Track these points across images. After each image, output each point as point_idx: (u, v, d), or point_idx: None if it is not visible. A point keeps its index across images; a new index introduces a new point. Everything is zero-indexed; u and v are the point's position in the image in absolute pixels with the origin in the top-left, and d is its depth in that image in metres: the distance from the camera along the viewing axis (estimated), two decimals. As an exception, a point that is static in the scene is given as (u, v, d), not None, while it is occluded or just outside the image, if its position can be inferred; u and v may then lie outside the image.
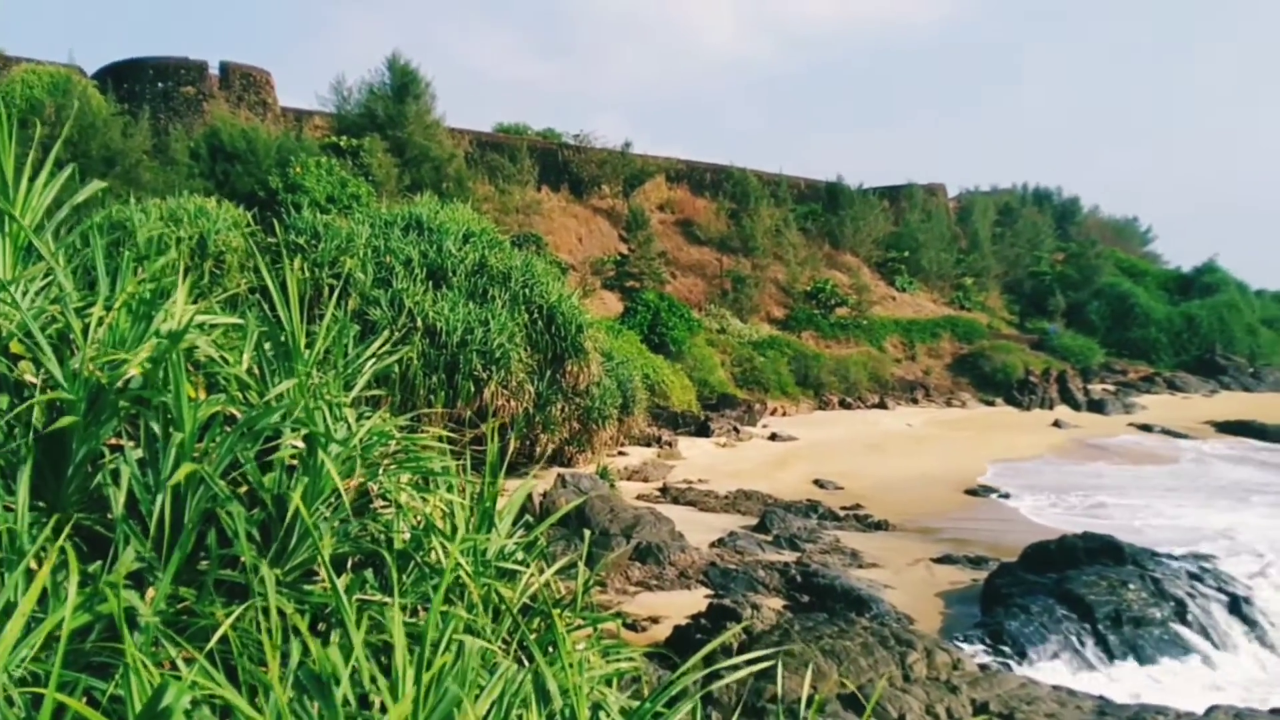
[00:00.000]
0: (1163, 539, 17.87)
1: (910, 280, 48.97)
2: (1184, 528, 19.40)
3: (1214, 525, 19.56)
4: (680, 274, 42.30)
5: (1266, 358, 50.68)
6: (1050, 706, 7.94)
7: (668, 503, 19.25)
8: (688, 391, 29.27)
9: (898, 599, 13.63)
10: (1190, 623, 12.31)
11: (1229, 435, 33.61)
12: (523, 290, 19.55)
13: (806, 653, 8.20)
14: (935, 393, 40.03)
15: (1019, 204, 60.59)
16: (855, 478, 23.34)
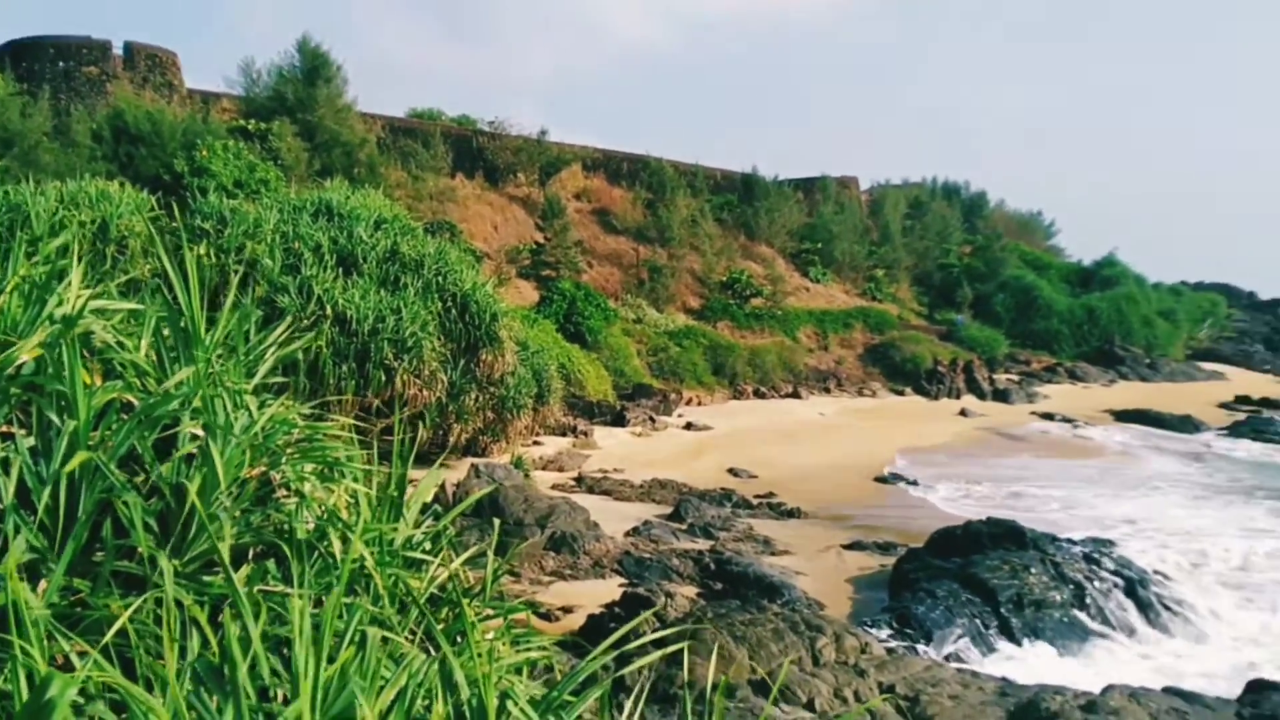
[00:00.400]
0: (1064, 524, 18.43)
1: (824, 271, 49.62)
2: (1086, 515, 20.03)
3: (1119, 512, 20.23)
4: (596, 263, 42.26)
5: (1162, 349, 52.47)
6: (954, 688, 8.13)
7: (583, 492, 19.26)
8: (604, 381, 29.28)
9: (809, 585, 13.83)
10: (1088, 605, 12.70)
11: (1127, 423, 34.73)
12: (436, 278, 19.34)
13: (718, 639, 8.28)
14: (847, 382, 40.64)
15: (929, 197, 61.74)
16: (769, 466, 23.60)
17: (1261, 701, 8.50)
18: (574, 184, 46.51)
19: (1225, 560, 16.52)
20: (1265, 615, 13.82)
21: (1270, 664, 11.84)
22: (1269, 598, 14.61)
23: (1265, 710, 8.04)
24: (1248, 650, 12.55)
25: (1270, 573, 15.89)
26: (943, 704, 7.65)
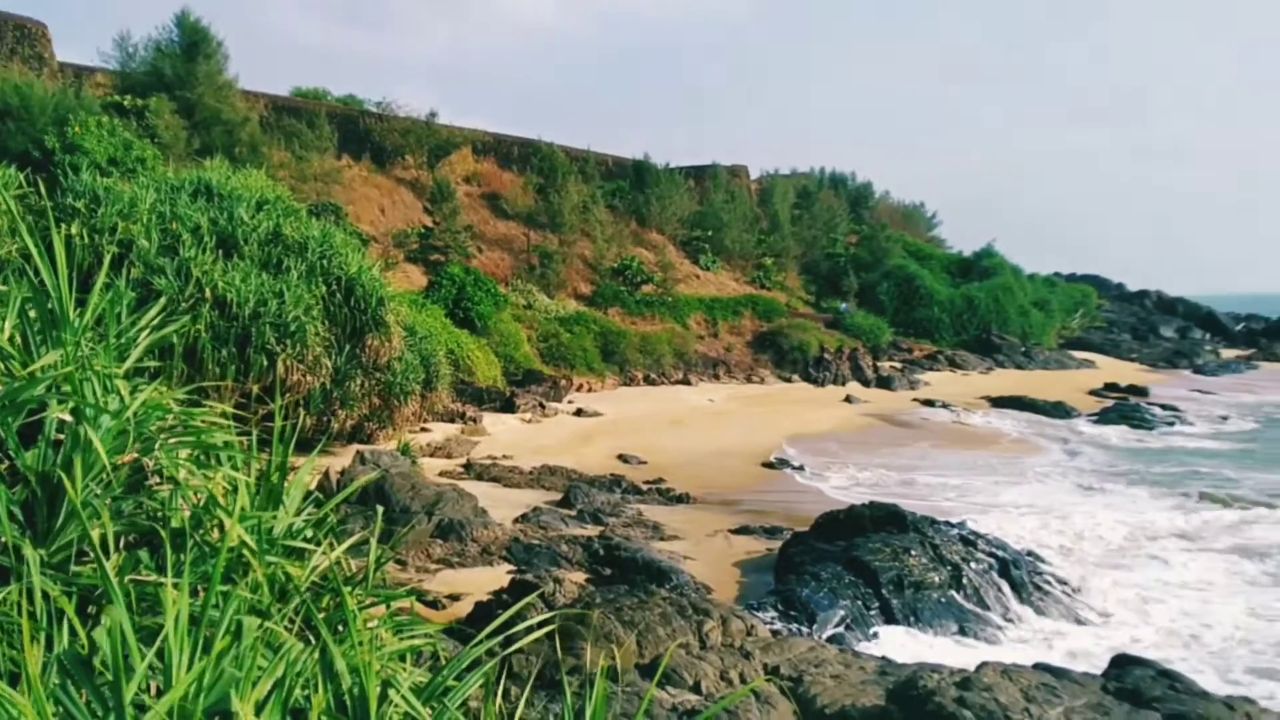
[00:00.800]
0: (946, 507, 19.01)
1: (714, 259, 50.07)
2: (969, 499, 20.69)
3: (999, 496, 20.95)
4: (487, 248, 41.89)
5: (1037, 337, 54.39)
6: (836, 668, 8.33)
7: (471, 479, 19.12)
8: (493, 367, 29.08)
9: (697, 569, 13.99)
10: (964, 586, 13.13)
11: (1003, 409, 35.92)
12: (320, 261, 18.93)
13: (606, 624, 8.32)
14: (736, 369, 41.13)
15: (816, 188, 62.78)
16: (659, 452, 23.77)
17: (1125, 675, 8.90)
18: (464, 167, 46.01)
19: (1099, 541, 17.27)
20: (1134, 593, 14.49)
21: (1137, 640, 12.45)
22: (1139, 576, 15.33)
23: (1128, 684, 8.43)
24: (1117, 627, 13.15)
25: (1141, 553, 16.67)
26: (825, 684, 7.83)
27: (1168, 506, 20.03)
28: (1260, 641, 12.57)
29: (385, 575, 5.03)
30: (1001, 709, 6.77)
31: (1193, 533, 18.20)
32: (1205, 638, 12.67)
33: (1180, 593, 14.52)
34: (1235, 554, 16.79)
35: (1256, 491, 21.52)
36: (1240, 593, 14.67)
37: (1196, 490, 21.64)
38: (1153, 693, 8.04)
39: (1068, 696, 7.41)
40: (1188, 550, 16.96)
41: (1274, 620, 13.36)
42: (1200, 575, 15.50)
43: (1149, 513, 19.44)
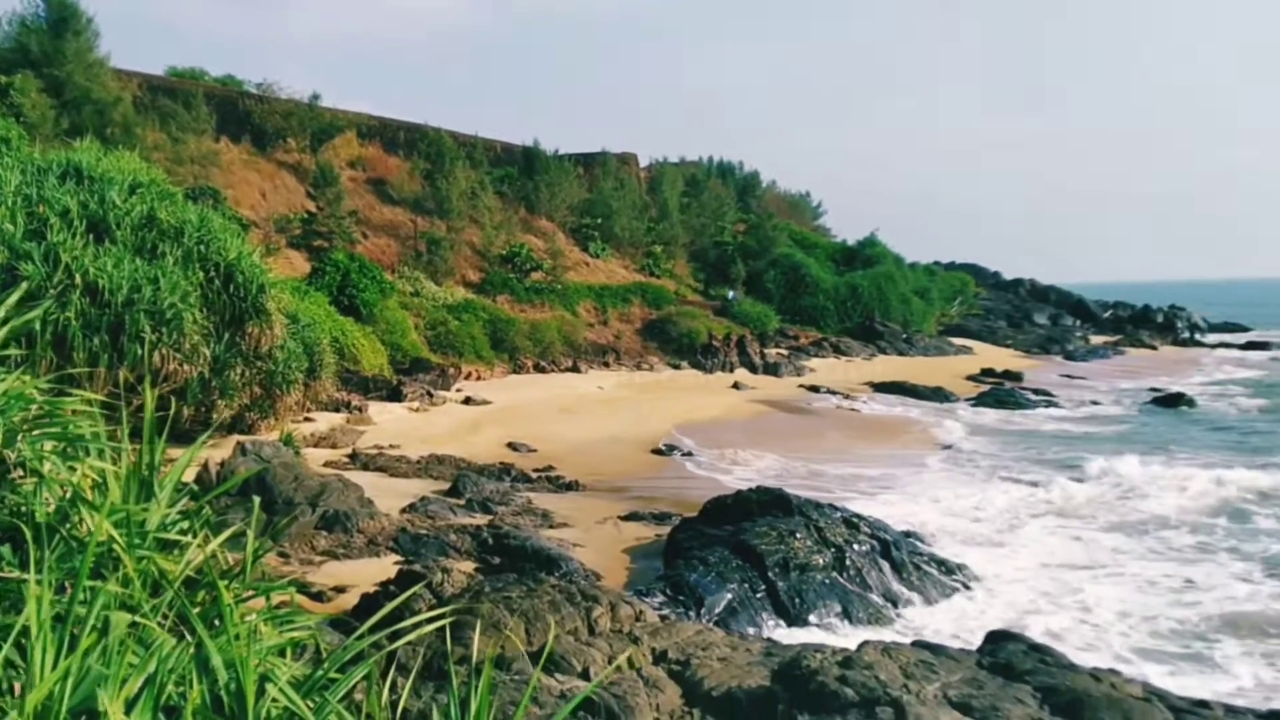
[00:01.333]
0: (832, 491, 19.43)
1: (603, 247, 50.12)
2: (853, 482, 21.16)
3: (883, 477, 21.49)
4: (372, 234, 41.16)
5: (918, 324, 55.91)
6: (723, 651, 8.45)
7: (357, 469, 18.80)
8: (379, 355, 28.62)
9: (587, 556, 14.02)
10: (848, 567, 13.43)
11: (886, 394, 36.83)
12: (198, 247, 18.35)
13: (495, 613, 8.29)
14: (626, 356, 41.29)
15: (705, 176, 63.35)
16: (548, 440, 23.73)
17: (998, 650, 9.24)
18: (348, 152, 45.11)
19: (982, 521, 17.86)
20: (1013, 570, 15.03)
21: (1013, 617, 12.92)
22: (1020, 554, 15.92)
23: (1001, 658, 8.75)
24: (994, 604, 13.63)
25: (1022, 531, 17.31)
26: (712, 666, 7.94)
27: (1047, 486, 20.78)
28: (1136, 615, 13.15)
29: (265, 568, 4.92)
30: (881, 686, 6.97)
31: (1072, 510, 18.95)
32: (1084, 614, 13.19)
33: (1060, 570, 15.10)
34: (1115, 531, 17.55)
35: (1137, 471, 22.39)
36: (1119, 568, 15.31)
37: (1077, 470, 22.51)
38: (1024, 666, 8.37)
39: (944, 672, 7.67)
40: (1067, 528, 17.67)
41: (1149, 594, 13.98)
42: (1079, 552, 16.14)
43: (1030, 492, 20.14)
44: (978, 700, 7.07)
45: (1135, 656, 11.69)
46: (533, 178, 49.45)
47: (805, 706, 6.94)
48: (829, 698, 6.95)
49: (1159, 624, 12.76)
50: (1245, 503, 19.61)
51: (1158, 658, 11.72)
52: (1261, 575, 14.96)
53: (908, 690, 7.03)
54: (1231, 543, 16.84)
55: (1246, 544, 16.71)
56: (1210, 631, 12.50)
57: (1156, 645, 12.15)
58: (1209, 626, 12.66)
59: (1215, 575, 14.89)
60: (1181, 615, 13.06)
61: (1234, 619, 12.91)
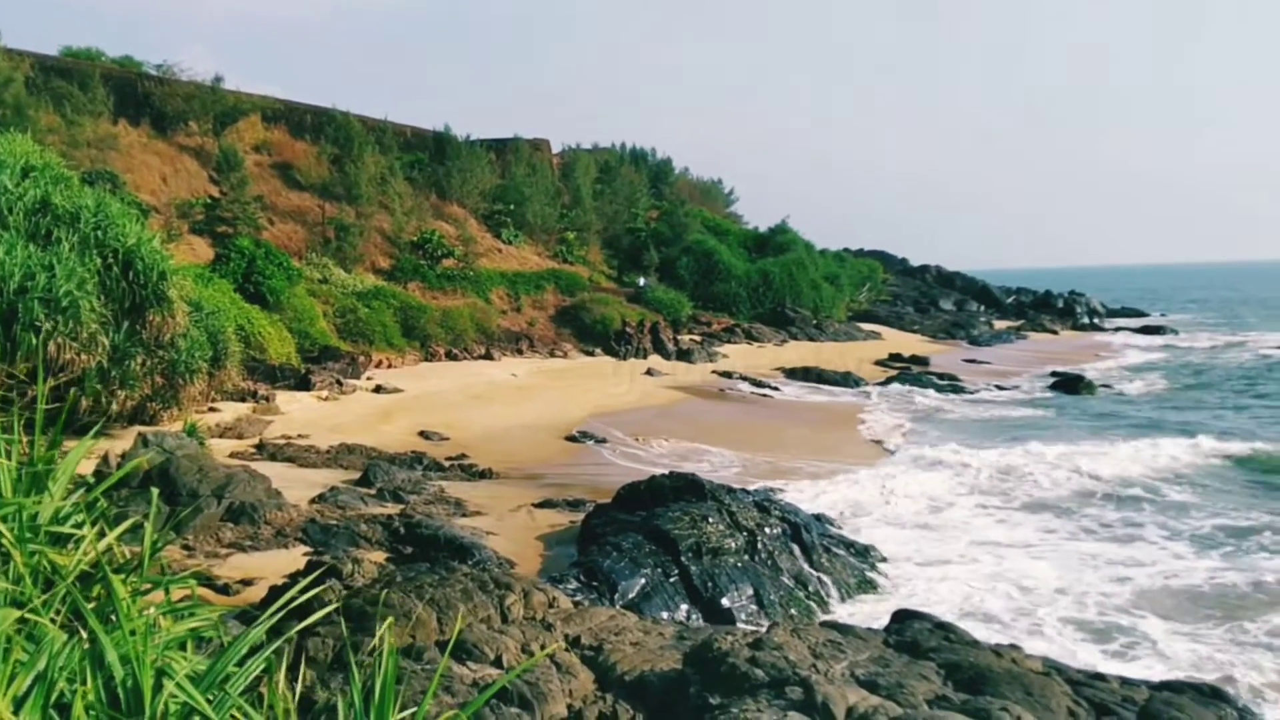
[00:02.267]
0: (743, 475, 19.65)
1: (516, 233, 49.80)
2: (764, 466, 21.41)
3: (795, 462, 21.78)
4: (279, 220, 40.31)
5: (828, 310, 56.70)
6: (636, 635, 8.50)
7: (264, 460, 18.44)
8: (287, 344, 28.07)
9: (500, 544, 13.97)
10: (759, 551, 13.60)
11: (796, 380, 37.33)
12: (95, 233, 17.77)
13: (406, 602, 8.22)
14: (539, 343, 41.15)
15: (618, 162, 63.30)
16: (461, 428, 23.56)
17: (905, 629, 9.45)
18: (253, 136, 44.08)
19: (900, 503, 18.23)
20: (915, 549, 15.38)
21: (922, 596, 13.23)
22: (922, 534, 16.29)
23: (907, 637, 8.96)
24: (903, 585, 13.93)
25: (941, 513, 17.72)
26: (625, 651, 7.99)
27: (960, 468, 21.29)
28: (1043, 590, 13.55)
29: (167, 561, 4.82)
30: (790, 666, 7.08)
31: (993, 489, 19.46)
32: (993, 594, 13.54)
33: (976, 550, 15.48)
34: (1039, 510, 18.06)
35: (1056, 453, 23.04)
36: (1039, 548, 15.75)
37: (990, 450, 23.11)
38: (929, 644, 8.58)
39: (852, 651, 7.82)
40: (986, 510, 18.13)
41: (1078, 570, 14.40)
42: (996, 533, 16.56)
43: (946, 474, 20.59)
44: (884, 678, 7.23)
45: (1056, 634, 12.08)
46: (444, 163, 48.89)
47: (716, 688, 7.02)
48: (739, 679, 7.04)
49: (1088, 601, 13.18)
50: (1155, 479, 20.35)
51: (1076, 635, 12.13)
52: (1186, 549, 15.58)
53: (816, 670, 7.15)
54: (1160, 518, 17.49)
55: (1174, 520, 17.33)
56: (1134, 608, 12.95)
57: (1084, 620, 12.55)
58: (1140, 603, 13.11)
59: (1145, 551, 15.45)
60: (1109, 590, 13.52)
61: (1164, 593, 13.43)
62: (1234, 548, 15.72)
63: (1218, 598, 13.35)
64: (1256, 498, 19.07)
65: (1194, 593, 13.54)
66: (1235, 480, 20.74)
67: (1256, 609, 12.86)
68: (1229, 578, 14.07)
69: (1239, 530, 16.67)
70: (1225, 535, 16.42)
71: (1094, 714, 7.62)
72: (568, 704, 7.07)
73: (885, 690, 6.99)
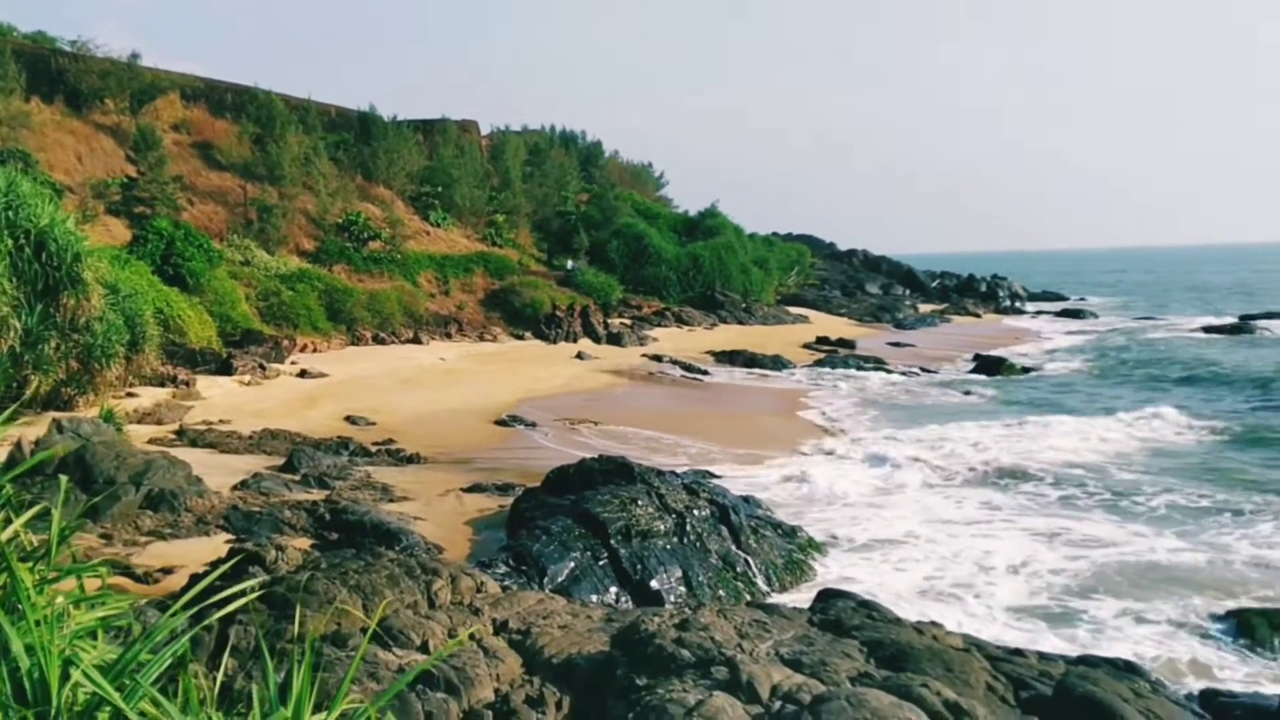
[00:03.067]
0: (671, 457, 19.74)
1: (444, 216, 49.32)
2: (693, 449, 21.53)
3: (722, 444, 21.91)
4: (199, 201, 39.42)
5: (757, 294, 57.14)
6: (564, 619, 8.50)
7: (185, 446, 18.06)
8: (208, 327, 27.50)
9: (428, 530, 13.87)
10: (688, 533, 13.68)
11: (725, 363, 37.57)
12: (6, 214, 17.23)
13: (331, 589, 8.13)
14: (469, 327, 40.87)
15: (548, 145, 62.99)
16: (388, 413, 23.32)
17: (829, 608, 9.59)
18: (171, 114, 43.01)
19: (832, 481, 18.46)
20: (850, 530, 15.61)
21: (849, 576, 13.43)
22: (855, 514, 16.55)
23: (831, 615, 9.09)
24: (830, 565, 14.13)
25: (871, 492, 18.03)
26: (553, 634, 7.98)
27: (901, 445, 21.71)
28: (968, 563, 13.82)
29: (83, 550, 4.71)
30: (716, 646, 7.14)
31: (925, 467, 19.82)
32: (936, 572, 13.79)
33: (915, 528, 15.75)
34: (982, 487, 18.41)
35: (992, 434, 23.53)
36: (981, 525, 16.05)
37: (923, 431, 23.54)
38: (852, 622, 8.72)
39: (777, 631, 7.91)
40: (920, 488, 18.47)
41: (1012, 549, 14.70)
42: (936, 512, 16.87)
43: (882, 453, 20.92)
44: (808, 656, 7.33)
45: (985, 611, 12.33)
46: (370, 144, 48.20)
47: (643, 669, 7.05)
48: (666, 660, 7.09)
49: (1024, 576, 13.48)
50: (1085, 458, 20.88)
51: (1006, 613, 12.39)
52: (1126, 524, 16.01)
53: (741, 649, 7.23)
54: (1104, 495, 17.95)
55: (1117, 498, 17.77)
56: (1084, 586, 13.26)
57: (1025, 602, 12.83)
58: (1091, 582, 13.43)
59: (1102, 528, 15.83)
60: (1059, 566, 13.83)
61: (1111, 570, 13.78)
62: (1165, 520, 16.24)
63: (1161, 571, 13.75)
64: (1180, 476, 19.61)
65: (1137, 567, 13.92)
66: (1163, 457, 21.37)
67: (1194, 586, 13.22)
68: (1179, 556, 14.47)
69: (1178, 506, 17.18)
70: (1151, 509, 16.95)
71: (1012, 688, 7.80)
72: (495, 688, 7.05)
73: (809, 668, 7.09)
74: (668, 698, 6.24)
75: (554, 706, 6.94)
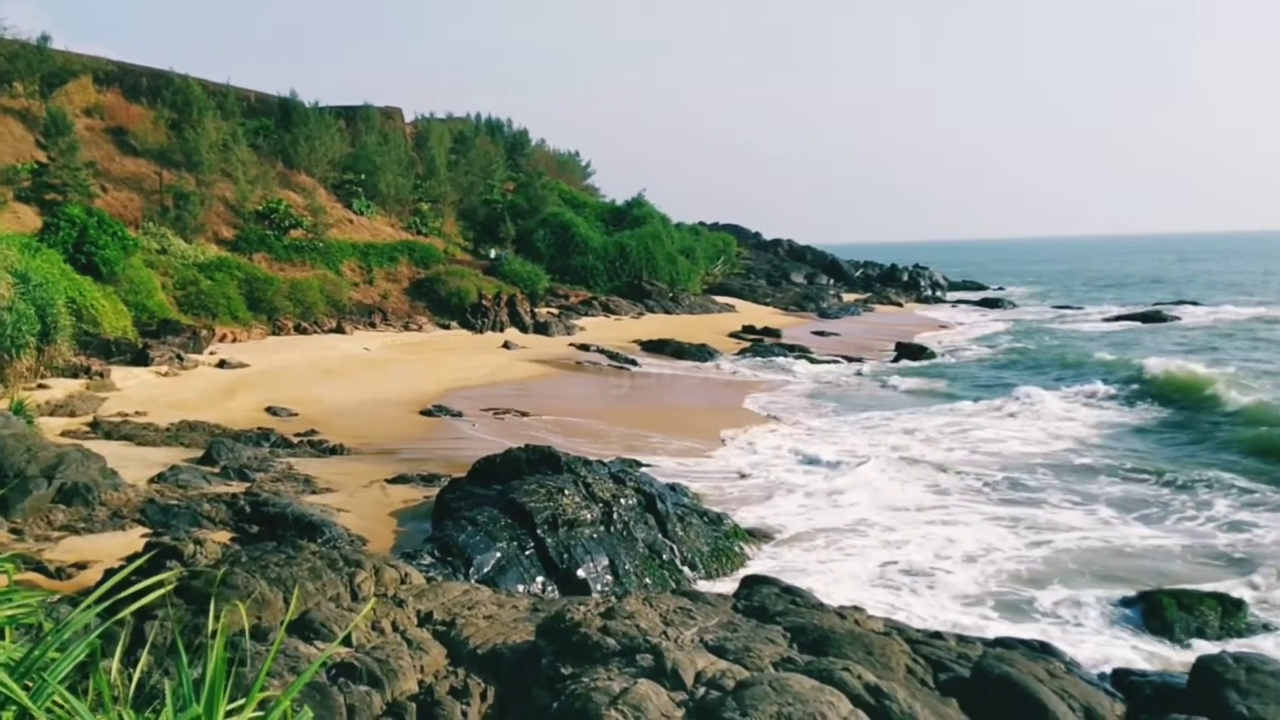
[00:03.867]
0: (599, 447, 19.74)
1: (367, 204, 48.69)
2: (619, 439, 21.55)
3: (650, 431, 21.97)
4: (113, 188, 38.41)
5: (683, 283, 57.34)
6: (490, 609, 8.48)
7: (99, 438, 17.61)
8: (123, 317, 26.83)
9: (352, 521, 13.72)
10: (615, 521, 13.71)
11: (652, 352, 37.66)
12: (-93, 199, 16.64)
13: (251, 583, 8.00)
14: (393, 317, 40.43)
15: (473, 133, 62.45)
16: (311, 404, 22.99)
17: (753, 594, 9.69)
18: (84, 98, 41.83)
19: (762, 470, 18.62)
20: (768, 518, 15.76)
21: (794, 566, 13.58)
22: (788, 501, 16.74)
23: (755, 602, 9.19)
24: (760, 553, 14.27)
25: (796, 477, 18.21)
26: (478, 625, 7.96)
27: (830, 433, 21.97)
28: (915, 549, 14.06)
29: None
30: (642, 634, 7.18)
31: (858, 453, 20.09)
32: (864, 557, 13.99)
33: (839, 513, 15.97)
34: (937, 472, 18.72)
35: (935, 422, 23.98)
36: (916, 515, 16.27)
37: (853, 418, 23.85)
38: (776, 608, 8.82)
39: (702, 618, 7.98)
40: (884, 472, 18.71)
41: (940, 537, 14.94)
42: (871, 497, 17.08)
43: (813, 440, 21.19)
44: (732, 643, 7.40)
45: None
46: (290, 130, 47.37)
47: (569, 659, 7.07)
48: (592, 648, 7.11)
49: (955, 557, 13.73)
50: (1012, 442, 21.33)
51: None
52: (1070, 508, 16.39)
53: (666, 637, 7.28)
54: (1061, 483, 18.31)
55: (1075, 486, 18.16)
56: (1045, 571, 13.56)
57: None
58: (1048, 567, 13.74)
59: (1051, 514, 16.15)
60: (1010, 550, 14.10)
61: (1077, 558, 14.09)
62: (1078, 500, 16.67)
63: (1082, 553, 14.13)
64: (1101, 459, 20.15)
65: (1059, 549, 14.29)
66: (1097, 438, 21.97)
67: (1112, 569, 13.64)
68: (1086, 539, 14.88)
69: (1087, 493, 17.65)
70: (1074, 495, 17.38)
71: (931, 670, 7.97)
72: (419, 680, 7.01)
73: (733, 654, 7.16)
74: (592, 686, 6.26)
75: (478, 697, 6.93)
